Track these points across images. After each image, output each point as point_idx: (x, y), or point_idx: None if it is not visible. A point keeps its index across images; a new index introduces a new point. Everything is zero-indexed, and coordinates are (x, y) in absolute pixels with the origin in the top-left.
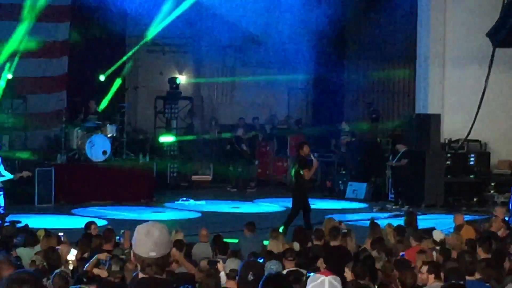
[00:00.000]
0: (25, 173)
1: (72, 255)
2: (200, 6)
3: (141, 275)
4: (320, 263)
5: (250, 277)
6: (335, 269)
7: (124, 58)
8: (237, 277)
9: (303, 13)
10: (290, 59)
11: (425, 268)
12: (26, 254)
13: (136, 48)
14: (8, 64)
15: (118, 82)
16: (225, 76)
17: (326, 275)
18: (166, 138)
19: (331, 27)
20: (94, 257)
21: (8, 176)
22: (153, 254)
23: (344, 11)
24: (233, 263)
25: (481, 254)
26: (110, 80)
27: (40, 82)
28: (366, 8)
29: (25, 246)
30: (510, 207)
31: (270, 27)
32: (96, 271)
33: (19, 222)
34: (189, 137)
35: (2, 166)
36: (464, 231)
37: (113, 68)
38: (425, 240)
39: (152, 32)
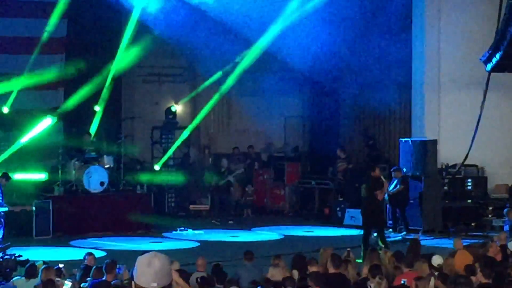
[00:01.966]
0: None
1: (67, 286)
2: (196, 37)
3: None
4: None
5: None
6: None
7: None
8: None
9: (297, 40)
10: (286, 87)
11: None
12: (25, 286)
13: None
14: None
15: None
16: (221, 105)
17: None
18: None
19: (326, 54)
20: None
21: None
22: (154, 285)
23: (338, 38)
24: None
25: (481, 279)
26: (106, 110)
27: (37, 115)
28: (360, 34)
29: (25, 277)
30: (504, 230)
31: (266, 56)
32: None
33: (20, 256)
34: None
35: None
36: (458, 256)
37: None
38: (422, 264)
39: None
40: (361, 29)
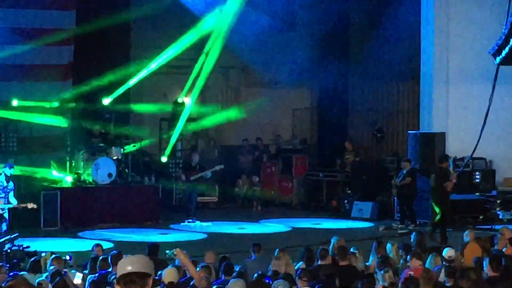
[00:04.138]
0: (30, 205)
1: (79, 278)
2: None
3: None
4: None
5: None
6: None
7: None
8: None
9: (307, 33)
10: (295, 79)
11: None
12: (31, 279)
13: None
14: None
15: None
16: (229, 97)
17: None
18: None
19: (335, 47)
20: None
21: (14, 203)
22: (129, 268)
23: (347, 30)
24: (238, 285)
25: (490, 272)
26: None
27: (45, 106)
28: (370, 27)
29: (30, 272)
30: None
31: (274, 47)
32: None
33: (28, 247)
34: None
35: (12, 192)
36: (469, 248)
37: (117, 94)
38: (434, 257)
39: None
40: (369, 21)
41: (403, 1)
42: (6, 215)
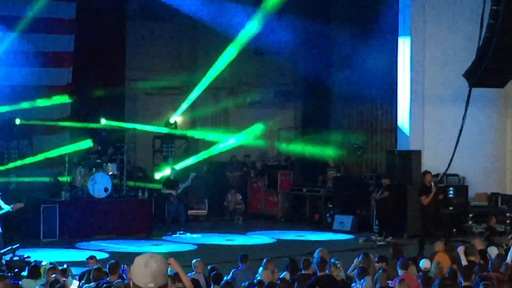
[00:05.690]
0: (18, 205)
1: (74, 286)
2: (195, 52)
3: None
4: None
5: None
6: None
7: None
8: None
9: (290, 58)
10: (280, 100)
11: None
12: (29, 285)
13: None
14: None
15: None
16: (219, 117)
17: None
18: (161, 174)
19: (318, 70)
20: None
21: (6, 208)
22: (151, 285)
23: (330, 55)
24: None
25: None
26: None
27: (45, 124)
28: (350, 51)
29: (29, 278)
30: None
31: (260, 69)
32: None
33: (29, 257)
34: None
35: (1, 200)
36: (437, 258)
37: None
38: (411, 267)
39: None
40: (349, 46)
41: (382, 29)
42: None
